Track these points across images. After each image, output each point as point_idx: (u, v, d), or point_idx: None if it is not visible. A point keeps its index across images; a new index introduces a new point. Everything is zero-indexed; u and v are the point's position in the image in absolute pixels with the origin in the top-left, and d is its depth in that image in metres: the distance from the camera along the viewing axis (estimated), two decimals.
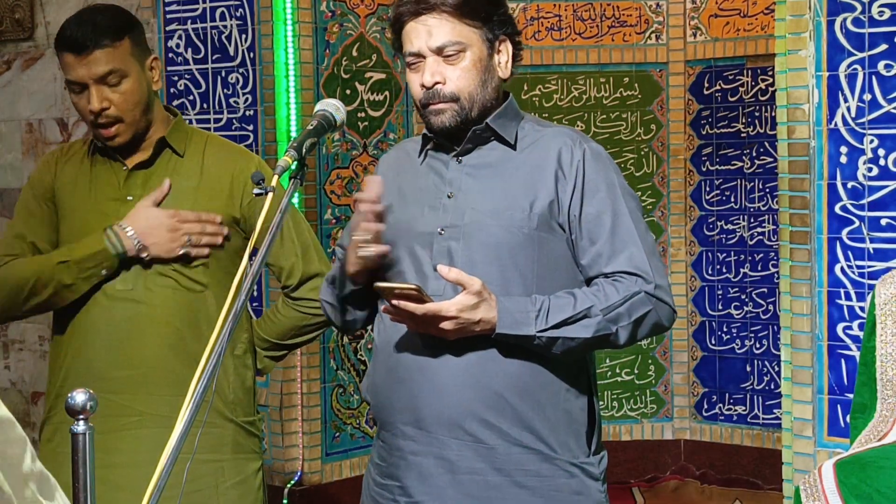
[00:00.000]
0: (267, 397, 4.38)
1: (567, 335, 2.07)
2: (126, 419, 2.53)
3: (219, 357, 1.70)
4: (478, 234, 2.14)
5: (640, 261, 2.13)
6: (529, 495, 2.12)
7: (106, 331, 2.55)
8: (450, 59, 2.17)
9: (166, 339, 2.55)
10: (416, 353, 2.13)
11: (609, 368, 5.44)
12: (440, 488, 2.13)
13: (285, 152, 1.97)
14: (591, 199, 2.15)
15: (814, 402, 3.43)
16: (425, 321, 2.05)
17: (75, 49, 2.50)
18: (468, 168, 2.21)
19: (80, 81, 2.52)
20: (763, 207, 5.22)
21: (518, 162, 2.19)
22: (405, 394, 2.14)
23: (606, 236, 2.14)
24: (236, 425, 2.62)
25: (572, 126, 5.39)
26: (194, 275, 2.57)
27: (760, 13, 5.14)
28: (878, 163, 3.35)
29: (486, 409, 2.11)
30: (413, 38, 2.18)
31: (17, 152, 5.23)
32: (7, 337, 5.34)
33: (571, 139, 2.19)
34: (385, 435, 2.21)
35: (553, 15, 5.37)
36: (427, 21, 2.16)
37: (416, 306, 2.02)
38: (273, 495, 4.11)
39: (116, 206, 2.58)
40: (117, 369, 2.53)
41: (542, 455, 2.12)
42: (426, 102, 2.18)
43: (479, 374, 2.11)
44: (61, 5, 5.00)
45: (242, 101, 4.45)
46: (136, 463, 2.50)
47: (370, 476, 2.27)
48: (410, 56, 2.19)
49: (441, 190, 2.20)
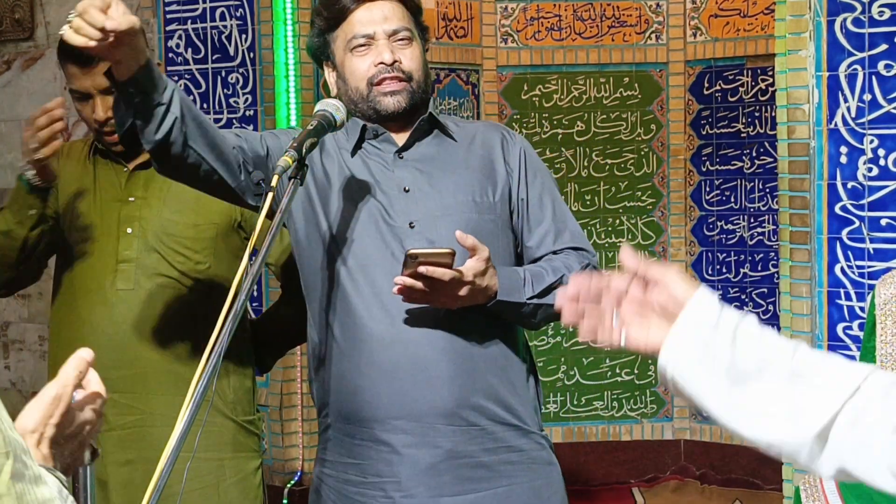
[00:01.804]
0: (267, 397, 4.38)
1: (548, 302, 2.17)
2: (127, 418, 2.54)
3: (219, 357, 1.70)
4: (455, 224, 2.16)
5: (580, 237, 2.31)
6: (514, 469, 2.21)
7: (106, 330, 2.55)
8: (402, 44, 2.22)
9: (166, 339, 2.55)
10: (404, 348, 2.14)
11: (609, 368, 5.44)
12: (436, 476, 2.15)
13: (285, 152, 1.97)
14: (533, 185, 2.29)
15: None
16: (446, 288, 2.05)
17: (80, 62, 2.51)
18: (412, 162, 2.23)
19: (85, 91, 2.54)
20: (763, 207, 5.22)
21: (464, 153, 2.26)
22: (396, 389, 2.14)
23: (550, 217, 2.28)
24: (236, 424, 2.62)
25: (572, 126, 5.40)
26: (196, 275, 2.58)
27: (760, 13, 5.13)
28: (878, 163, 3.35)
29: (477, 393, 2.17)
30: (365, 21, 2.21)
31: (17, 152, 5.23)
32: (7, 337, 5.34)
33: (506, 132, 2.35)
34: (365, 432, 2.18)
35: (553, 15, 5.37)
36: (380, 6, 2.22)
37: (444, 271, 2.04)
38: (273, 495, 4.11)
39: (118, 207, 2.58)
40: (118, 369, 2.53)
41: (521, 430, 2.22)
42: (379, 80, 2.20)
43: (466, 361, 2.16)
44: (61, 5, 5.00)
45: (242, 101, 4.45)
46: (136, 462, 2.50)
47: (341, 477, 2.23)
48: (360, 39, 2.21)
49: (391, 185, 2.21)
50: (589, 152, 5.42)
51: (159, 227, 2.59)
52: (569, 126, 5.41)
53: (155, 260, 2.57)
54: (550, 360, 5.41)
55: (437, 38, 5.10)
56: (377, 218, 2.18)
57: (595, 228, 5.42)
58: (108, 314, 2.56)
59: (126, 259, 2.57)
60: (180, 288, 2.56)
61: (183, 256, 2.58)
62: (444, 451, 2.15)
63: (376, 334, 2.15)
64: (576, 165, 5.42)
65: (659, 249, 5.47)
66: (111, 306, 2.56)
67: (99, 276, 2.59)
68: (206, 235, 2.60)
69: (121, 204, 2.58)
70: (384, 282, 2.14)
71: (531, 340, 5.39)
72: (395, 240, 2.17)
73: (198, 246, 2.60)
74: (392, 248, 2.17)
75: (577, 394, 5.42)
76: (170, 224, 2.59)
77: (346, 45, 2.23)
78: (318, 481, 2.28)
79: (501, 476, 2.19)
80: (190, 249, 2.59)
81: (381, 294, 2.15)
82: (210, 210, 2.58)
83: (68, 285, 2.65)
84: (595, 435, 5.41)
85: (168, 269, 2.56)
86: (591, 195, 5.41)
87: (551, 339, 5.42)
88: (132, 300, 2.55)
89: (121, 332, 2.54)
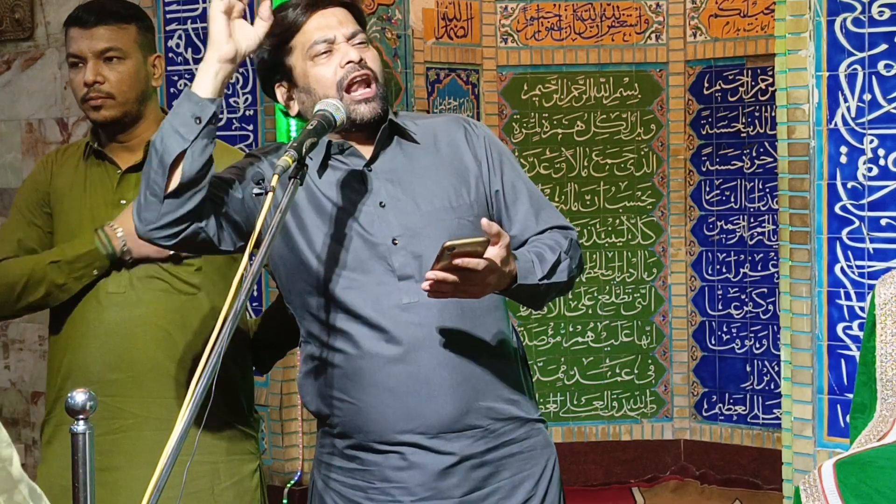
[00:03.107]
0: (267, 397, 4.38)
1: (555, 280, 2.18)
2: (121, 422, 2.53)
3: (219, 357, 1.70)
4: (437, 233, 2.13)
5: (557, 215, 2.30)
6: (516, 460, 2.22)
7: (99, 333, 2.54)
8: (361, 47, 2.18)
9: (159, 342, 2.54)
10: (404, 366, 2.13)
11: (609, 368, 5.44)
12: (444, 480, 2.16)
13: (285, 152, 1.97)
14: (504, 173, 2.27)
15: (814, 402, 3.43)
16: (478, 277, 2.03)
17: (80, 23, 2.54)
18: (382, 174, 2.18)
19: (80, 55, 2.54)
20: (763, 207, 5.22)
21: (432, 157, 2.22)
22: (401, 406, 2.14)
23: (526, 202, 2.26)
24: (231, 427, 2.61)
25: (572, 126, 5.40)
26: (187, 277, 2.57)
27: (760, 13, 5.14)
28: (878, 163, 3.35)
29: (478, 396, 2.17)
30: (322, 26, 2.16)
31: (16, 152, 5.23)
32: (7, 337, 5.34)
33: (467, 123, 2.29)
34: (372, 445, 2.18)
35: (553, 15, 5.37)
36: (332, 12, 2.18)
37: (478, 261, 2.01)
38: (273, 495, 4.11)
39: (109, 210, 2.57)
40: (111, 372, 2.53)
41: (520, 420, 2.23)
42: (349, 83, 2.14)
43: (465, 367, 2.15)
44: (61, 5, 5.00)
45: (242, 101, 4.44)
46: (131, 465, 2.50)
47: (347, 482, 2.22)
48: (321, 45, 2.16)
49: (366, 201, 2.16)
50: (589, 152, 5.42)
51: None
52: (569, 126, 5.41)
53: (146, 262, 2.56)
54: (550, 360, 5.41)
55: (437, 38, 5.10)
56: (358, 237, 2.15)
57: (595, 228, 5.42)
58: (99, 317, 2.55)
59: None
60: (171, 290, 2.56)
61: (173, 258, 2.57)
62: (452, 457, 2.16)
63: (375, 355, 2.14)
64: (576, 165, 5.42)
65: (659, 249, 5.47)
66: (103, 309, 2.55)
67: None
68: None
69: (112, 206, 2.58)
70: (375, 301, 2.12)
71: (531, 340, 5.39)
72: (380, 259, 2.14)
73: None
74: (378, 268, 2.14)
75: (577, 394, 5.42)
76: None
77: (305, 55, 2.16)
78: (324, 486, 2.25)
79: (504, 469, 2.20)
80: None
81: (374, 314, 2.13)
82: None
83: None
84: (595, 435, 5.41)
85: (159, 272, 2.55)
86: (591, 195, 5.42)
87: (551, 339, 5.42)
88: (123, 303, 2.54)
89: (112, 335, 2.54)
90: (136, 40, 2.57)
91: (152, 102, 2.62)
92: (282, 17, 2.17)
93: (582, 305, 5.44)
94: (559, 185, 5.39)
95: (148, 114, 2.60)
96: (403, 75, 4.74)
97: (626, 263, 5.45)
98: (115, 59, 2.54)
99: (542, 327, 5.41)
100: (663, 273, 5.47)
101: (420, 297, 2.10)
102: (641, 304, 5.47)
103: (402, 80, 4.73)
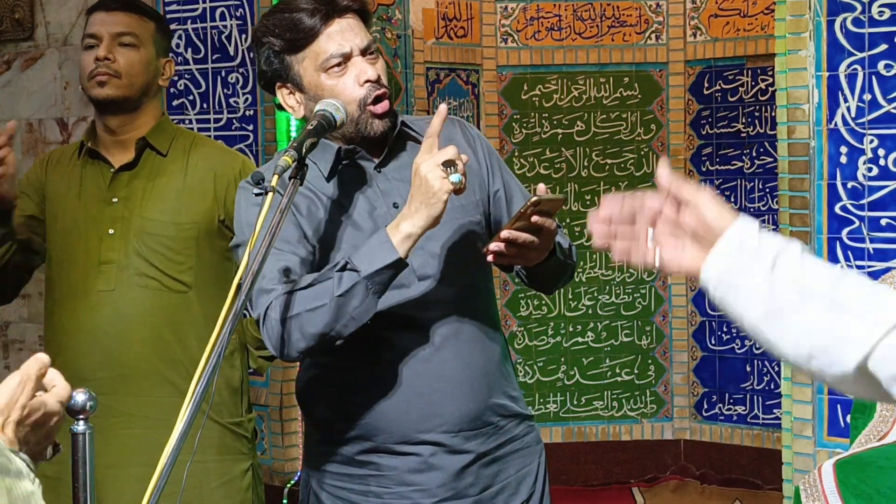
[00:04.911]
0: (267, 397, 4.38)
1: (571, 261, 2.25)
2: (111, 420, 2.52)
3: (219, 357, 1.69)
4: (447, 232, 2.14)
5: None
6: (518, 456, 2.25)
7: (89, 332, 2.55)
8: (372, 59, 2.14)
9: (148, 340, 2.55)
10: (431, 363, 2.13)
11: (609, 368, 5.44)
12: (461, 479, 2.17)
13: (285, 152, 1.97)
14: (500, 173, 2.28)
15: (814, 402, 3.43)
16: (546, 238, 2.05)
17: (104, 7, 2.61)
18: (392, 173, 2.18)
19: (97, 35, 2.58)
20: (763, 207, 5.22)
21: None
22: (424, 404, 2.14)
23: (521, 200, 2.25)
24: (221, 426, 2.60)
25: (572, 126, 5.40)
26: (178, 275, 2.57)
27: (760, 13, 5.13)
28: (878, 163, 3.35)
29: (494, 393, 2.20)
30: (338, 39, 2.11)
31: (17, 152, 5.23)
32: (7, 337, 5.34)
33: (462, 124, 2.29)
34: (391, 447, 2.16)
35: (553, 15, 5.37)
36: (347, 23, 2.12)
37: (552, 222, 2.04)
38: (273, 495, 4.11)
39: (102, 208, 2.58)
40: (101, 370, 2.53)
41: (520, 417, 2.27)
42: (370, 101, 2.11)
43: (478, 363, 2.18)
44: (61, 5, 5.00)
45: (242, 101, 4.44)
46: (121, 464, 2.50)
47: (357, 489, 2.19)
48: (337, 58, 2.10)
49: (379, 202, 2.16)
50: (589, 152, 5.42)
51: (140, 228, 2.58)
52: (569, 126, 5.41)
53: (136, 260, 2.56)
54: (550, 360, 5.41)
55: (437, 38, 5.10)
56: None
57: None
58: (90, 316, 2.55)
59: (107, 260, 2.57)
60: (162, 288, 2.56)
61: (163, 256, 2.57)
62: (468, 455, 2.17)
63: (400, 354, 2.14)
64: (576, 165, 5.42)
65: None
66: (93, 308, 2.55)
67: (82, 278, 2.58)
68: (188, 235, 2.59)
69: (104, 205, 2.59)
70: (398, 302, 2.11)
71: (531, 340, 5.40)
72: None
73: (179, 246, 2.59)
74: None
75: (577, 394, 5.42)
76: (150, 224, 2.58)
77: (318, 66, 2.11)
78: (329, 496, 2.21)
79: (509, 466, 2.23)
80: (171, 249, 2.58)
81: (399, 314, 2.12)
82: (191, 210, 2.58)
83: (56, 287, 2.65)
84: (595, 435, 5.41)
85: (149, 270, 2.55)
86: (591, 195, 5.41)
87: (551, 339, 5.42)
88: (114, 301, 2.54)
89: (103, 334, 2.54)
90: (152, 35, 2.63)
91: (154, 100, 2.63)
92: (294, 21, 2.11)
93: (582, 305, 5.44)
94: (559, 185, 5.38)
95: (147, 110, 2.61)
96: (403, 75, 4.74)
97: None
98: (129, 45, 2.59)
99: (542, 327, 5.41)
100: (663, 273, 5.46)
101: (441, 296, 2.12)
102: (641, 304, 5.47)
103: (402, 80, 4.73)
